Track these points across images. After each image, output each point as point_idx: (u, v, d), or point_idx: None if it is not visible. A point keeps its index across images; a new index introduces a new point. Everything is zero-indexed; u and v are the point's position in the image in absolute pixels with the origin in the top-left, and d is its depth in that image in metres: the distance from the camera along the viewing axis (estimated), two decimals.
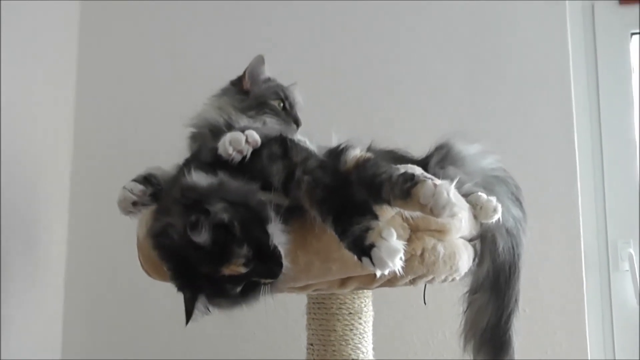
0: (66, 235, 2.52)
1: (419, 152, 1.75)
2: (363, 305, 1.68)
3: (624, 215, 2.39)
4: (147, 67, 2.64)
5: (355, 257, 1.16)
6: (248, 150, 1.33)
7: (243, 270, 1.23)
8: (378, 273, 1.13)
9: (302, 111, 1.75)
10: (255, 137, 1.34)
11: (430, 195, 1.13)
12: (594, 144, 2.45)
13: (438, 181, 1.15)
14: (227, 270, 1.22)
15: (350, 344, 1.64)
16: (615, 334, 2.35)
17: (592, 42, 2.50)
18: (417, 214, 1.23)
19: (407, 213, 1.28)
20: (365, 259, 1.13)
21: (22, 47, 2.19)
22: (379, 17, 2.54)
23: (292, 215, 1.30)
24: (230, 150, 1.31)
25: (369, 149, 1.70)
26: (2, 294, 2.03)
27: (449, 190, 1.13)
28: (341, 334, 1.64)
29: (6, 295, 2.06)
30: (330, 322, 1.65)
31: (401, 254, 1.12)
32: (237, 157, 1.32)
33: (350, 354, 1.64)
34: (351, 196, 1.23)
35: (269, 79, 1.74)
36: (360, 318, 1.67)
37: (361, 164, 1.30)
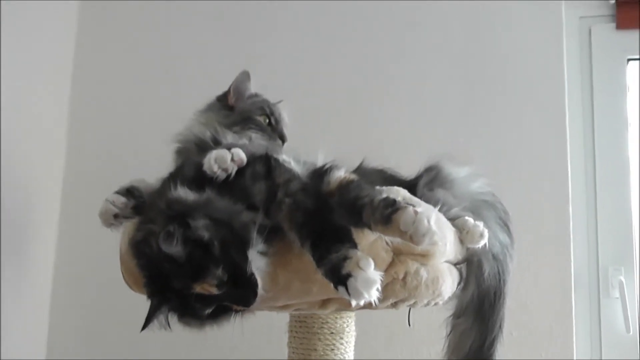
0: (55, 239, 2.53)
1: (411, 168, 1.75)
2: (345, 325, 1.66)
3: (616, 242, 2.37)
4: (142, 72, 2.65)
5: (332, 285, 1.15)
6: (233, 169, 1.32)
7: (215, 291, 1.22)
8: (353, 303, 1.11)
9: (287, 128, 1.75)
10: (241, 155, 1.33)
11: (410, 223, 1.11)
12: (587, 168, 2.43)
13: (419, 208, 1.13)
14: (199, 288, 1.22)
15: None
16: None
17: (588, 65, 2.48)
18: (398, 240, 1.21)
19: (387, 238, 1.27)
20: (341, 288, 1.12)
21: (19, 50, 2.20)
22: (372, 32, 2.54)
23: (274, 233, 1.29)
24: (215, 168, 1.30)
25: (359, 167, 1.71)
26: None
27: (430, 218, 1.11)
28: (322, 353, 1.62)
29: None
30: (311, 341, 1.63)
31: (378, 285, 1.11)
32: (222, 175, 1.31)
33: None
34: (331, 222, 1.22)
35: (254, 95, 1.74)
36: (342, 338, 1.65)
37: (344, 185, 1.29)
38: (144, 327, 1.28)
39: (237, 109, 1.68)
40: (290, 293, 1.37)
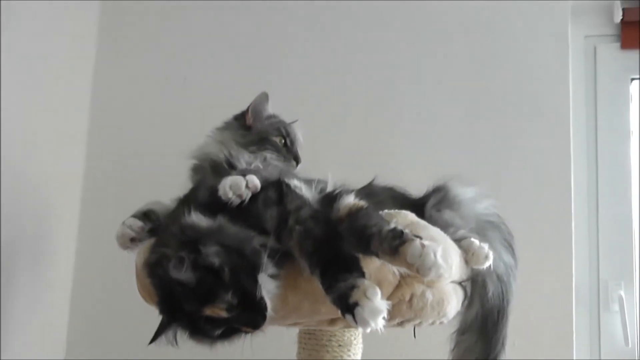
0: (75, 243, 2.56)
1: (419, 182, 1.78)
2: (352, 338, 1.69)
3: (617, 256, 2.41)
4: (162, 76, 2.68)
5: (339, 312, 1.18)
6: (247, 195, 1.35)
7: (224, 314, 1.26)
8: (360, 330, 1.15)
9: (301, 148, 1.79)
10: (255, 182, 1.37)
11: (417, 256, 1.14)
12: (589, 184, 2.47)
13: (426, 242, 1.16)
14: (209, 312, 1.25)
15: None
16: None
17: (593, 83, 2.53)
18: (404, 270, 1.25)
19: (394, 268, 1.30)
20: (348, 316, 1.15)
21: (38, 52, 2.23)
22: (379, 55, 2.57)
23: (284, 257, 1.32)
24: (230, 194, 1.34)
25: (369, 185, 1.75)
26: (9, 298, 2.07)
27: (437, 252, 1.14)
28: None
29: (11, 300, 2.10)
30: (319, 353, 1.67)
31: (384, 314, 1.14)
32: (236, 201, 1.35)
33: None
34: (340, 251, 1.25)
35: (271, 116, 1.77)
36: (349, 350, 1.69)
37: (353, 212, 1.32)
38: (151, 341, 1.33)
39: (254, 129, 1.71)
40: (299, 313, 1.42)
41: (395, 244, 1.19)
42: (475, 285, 1.66)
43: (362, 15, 2.60)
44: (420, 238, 1.20)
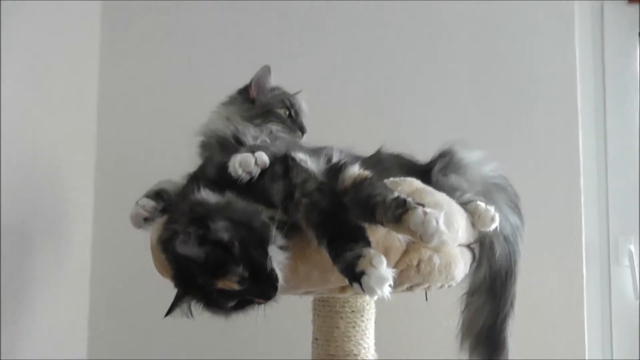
0: (90, 237, 2.57)
1: (427, 151, 1.80)
2: (365, 304, 1.72)
3: (626, 211, 2.43)
4: (167, 67, 2.67)
5: (347, 280, 1.22)
6: (256, 172, 1.38)
7: (237, 287, 1.29)
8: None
9: (307, 119, 1.80)
10: (264, 159, 1.39)
11: (419, 224, 1.18)
12: (598, 140, 2.48)
13: (428, 209, 1.19)
14: (221, 285, 1.29)
15: (352, 341, 1.70)
16: (613, 328, 2.40)
17: (600, 41, 2.52)
18: (409, 237, 1.28)
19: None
20: (355, 285, 1.18)
21: (45, 48, 2.22)
22: (385, 21, 2.56)
23: (293, 229, 1.35)
24: (240, 171, 1.37)
25: (377, 153, 1.77)
26: (27, 294, 2.10)
27: (439, 218, 1.18)
28: (344, 330, 1.70)
29: (31, 296, 2.12)
30: (333, 319, 1.71)
31: (390, 282, 1.17)
32: (246, 178, 1.38)
33: (352, 350, 1.70)
34: (346, 221, 1.28)
35: (275, 88, 1.79)
36: (362, 316, 1.72)
37: (358, 183, 1.35)
38: (167, 314, 1.38)
39: (258, 102, 1.73)
40: (310, 282, 1.45)
41: (398, 213, 1.22)
42: (483, 247, 1.68)
43: None
44: (423, 206, 1.23)
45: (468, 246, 1.65)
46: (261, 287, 1.31)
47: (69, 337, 2.42)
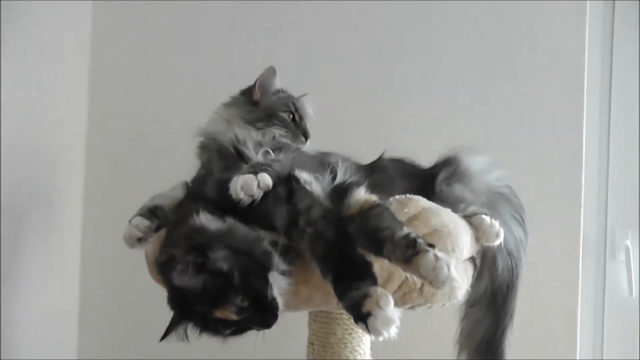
0: (80, 237, 2.50)
1: (429, 152, 1.77)
2: None
3: (626, 206, 2.40)
4: (159, 61, 2.55)
5: (352, 319, 1.19)
6: (259, 195, 1.33)
7: (234, 317, 1.27)
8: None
9: (312, 123, 1.75)
10: (267, 181, 1.34)
11: (430, 269, 1.15)
12: (601, 133, 2.43)
13: (440, 254, 1.16)
14: (219, 314, 1.27)
15: (348, 347, 1.69)
16: (605, 323, 2.40)
17: (610, 22, 2.45)
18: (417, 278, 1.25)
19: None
20: (361, 325, 1.16)
21: (35, 46, 2.13)
22: (389, 18, 2.45)
23: (296, 253, 1.33)
24: (242, 194, 1.31)
25: (379, 160, 1.74)
26: (16, 293, 2.05)
27: (450, 265, 1.15)
28: (340, 337, 1.68)
29: (20, 295, 2.07)
30: (330, 325, 1.69)
31: (397, 324, 1.14)
32: (248, 201, 1.33)
33: (348, 356, 1.68)
34: (352, 255, 1.24)
35: (279, 90, 1.72)
36: None
37: (365, 211, 1.31)
38: (162, 338, 1.35)
39: (262, 105, 1.67)
40: (312, 304, 1.45)
41: (408, 254, 1.20)
42: (485, 260, 1.67)
43: None
44: (433, 247, 1.20)
45: (470, 258, 1.62)
46: (261, 316, 1.29)
47: (59, 337, 2.39)
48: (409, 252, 1.19)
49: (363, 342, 1.72)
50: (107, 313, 2.51)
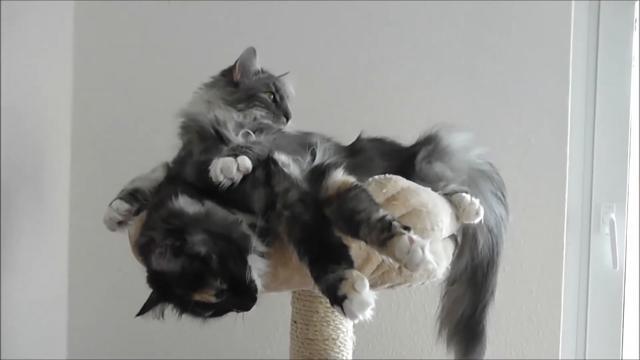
0: (67, 225, 2.50)
1: (413, 130, 1.76)
2: None
3: (610, 180, 2.41)
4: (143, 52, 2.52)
5: (329, 302, 1.20)
6: (238, 178, 1.33)
7: (213, 300, 1.28)
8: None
9: (293, 102, 1.75)
10: (246, 164, 1.34)
11: (405, 252, 1.15)
12: (587, 108, 2.43)
13: (414, 236, 1.17)
14: (198, 297, 1.27)
15: (331, 325, 1.71)
16: (589, 294, 2.42)
17: (596, 9, 2.43)
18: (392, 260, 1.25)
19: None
20: (337, 307, 1.17)
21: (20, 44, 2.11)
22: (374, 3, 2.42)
23: (274, 235, 1.33)
24: (221, 177, 1.31)
25: (358, 140, 1.73)
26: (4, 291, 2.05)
27: (424, 247, 1.15)
28: (323, 315, 1.70)
29: (8, 281, 2.07)
30: (313, 303, 1.71)
31: (372, 306, 1.15)
32: (227, 184, 1.33)
33: (330, 334, 1.70)
34: (329, 239, 1.25)
35: (260, 71, 1.72)
36: None
37: (342, 193, 1.31)
38: (139, 314, 1.36)
39: (242, 86, 1.67)
40: (290, 285, 1.45)
41: (383, 237, 1.20)
42: (466, 237, 1.68)
43: None
44: (409, 229, 1.20)
45: (451, 235, 1.63)
46: (240, 299, 1.30)
47: (48, 336, 2.41)
48: (384, 235, 1.19)
49: (346, 319, 1.73)
50: (97, 299, 2.52)
